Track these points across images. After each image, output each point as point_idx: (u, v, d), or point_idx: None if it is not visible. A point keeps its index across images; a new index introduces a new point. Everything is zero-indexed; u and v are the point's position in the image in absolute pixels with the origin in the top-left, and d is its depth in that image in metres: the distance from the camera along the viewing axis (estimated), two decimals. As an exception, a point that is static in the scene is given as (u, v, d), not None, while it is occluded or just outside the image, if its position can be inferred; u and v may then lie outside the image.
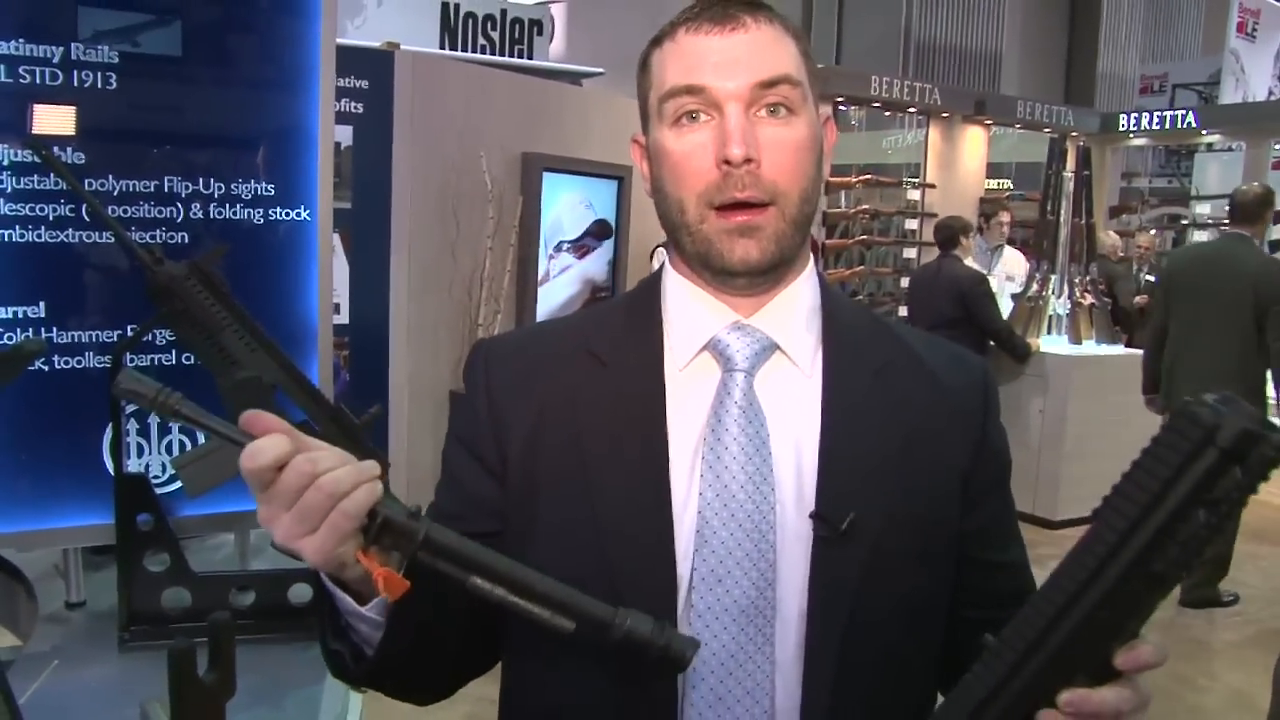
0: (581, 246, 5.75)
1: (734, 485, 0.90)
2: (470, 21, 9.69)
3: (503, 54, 9.47)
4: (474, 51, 9.27)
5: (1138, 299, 7.55)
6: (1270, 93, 10.35)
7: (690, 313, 0.98)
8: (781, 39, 0.94)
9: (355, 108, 4.99)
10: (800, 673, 0.89)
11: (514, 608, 0.75)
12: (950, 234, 5.88)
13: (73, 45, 1.70)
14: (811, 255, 1.04)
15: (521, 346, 1.05)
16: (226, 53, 1.84)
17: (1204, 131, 8.92)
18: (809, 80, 0.95)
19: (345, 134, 4.91)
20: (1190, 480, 0.59)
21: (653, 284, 1.03)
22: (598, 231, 5.82)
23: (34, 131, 1.69)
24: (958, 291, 5.65)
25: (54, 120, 1.71)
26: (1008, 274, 6.67)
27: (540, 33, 10.13)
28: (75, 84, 1.70)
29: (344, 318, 4.99)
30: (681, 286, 0.99)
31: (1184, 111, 9.10)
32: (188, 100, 1.81)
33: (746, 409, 0.93)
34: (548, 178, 5.51)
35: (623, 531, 0.91)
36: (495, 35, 9.80)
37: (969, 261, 6.00)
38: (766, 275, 0.95)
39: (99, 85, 1.72)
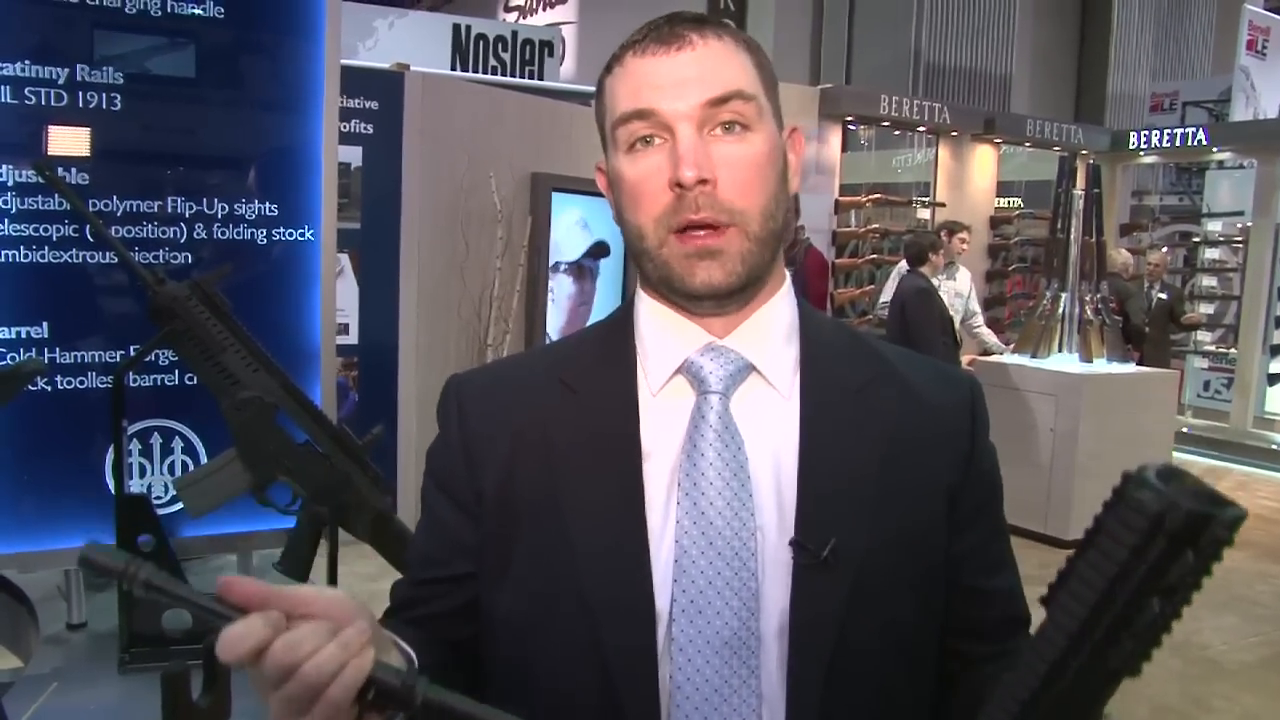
0: (579, 267, 5.75)
1: (712, 512, 0.87)
2: (481, 43, 9.77)
3: (514, 75, 9.52)
4: (485, 73, 9.33)
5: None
6: (1281, 110, 10.33)
7: (662, 335, 0.95)
8: (732, 53, 0.90)
9: (365, 128, 5.02)
10: (785, 705, 0.86)
11: None
12: (919, 250, 5.96)
13: (78, 67, 1.71)
14: (787, 273, 1.00)
15: (494, 381, 1.02)
16: (230, 74, 1.85)
17: (1214, 149, 8.89)
18: (766, 93, 0.92)
19: (355, 154, 4.93)
20: (1140, 573, 0.55)
21: (626, 309, 1.00)
22: (595, 252, 5.81)
23: (48, 152, 1.70)
24: (900, 300, 5.82)
25: (67, 141, 1.72)
26: (957, 290, 6.60)
27: (551, 54, 10.20)
28: (81, 105, 1.72)
29: (353, 338, 5.00)
30: (653, 309, 0.96)
31: (1194, 129, 9.08)
32: (192, 121, 1.83)
33: (722, 433, 0.90)
34: (556, 198, 5.52)
35: (598, 565, 0.87)
36: (506, 56, 9.87)
37: (937, 279, 6.08)
38: (733, 297, 0.91)
39: (104, 106, 1.73)
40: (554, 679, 0.76)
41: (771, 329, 0.95)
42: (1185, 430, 8.24)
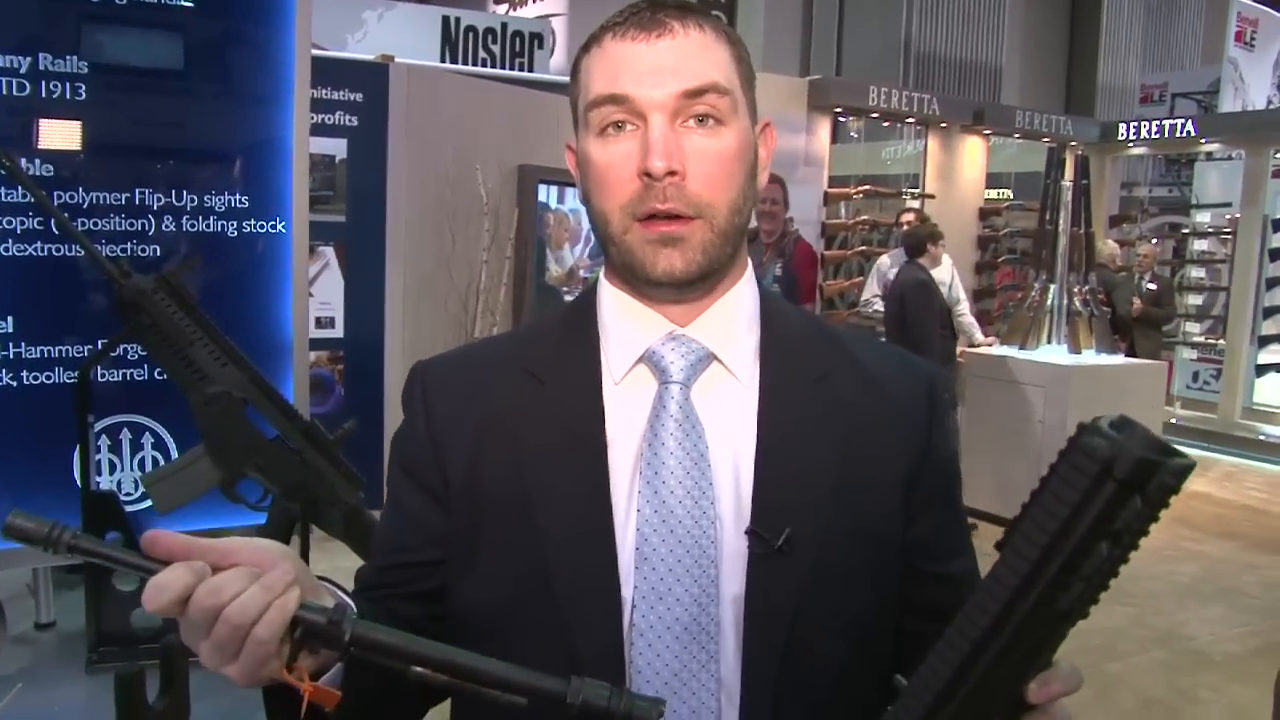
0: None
1: (672, 501, 0.88)
2: (471, 35, 9.70)
3: (503, 67, 9.46)
4: (475, 65, 9.27)
5: (1135, 302, 7.50)
6: (1269, 101, 10.30)
7: (625, 325, 0.95)
8: (712, 45, 0.90)
9: (350, 120, 4.98)
10: (740, 691, 0.87)
11: (461, 690, 0.73)
12: (918, 241, 5.80)
13: (41, 55, 1.68)
14: (749, 261, 1.00)
15: (459, 367, 1.02)
16: (200, 65, 1.82)
17: (1203, 140, 8.87)
18: (742, 87, 0.93)
19: (340, 147, 4.90)
20: (1090, 516, 0.57)
21: (589, 297, 1.00)
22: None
23: (39, 147, 1.68)
24: (899, 293, 5.65)
25: (59, 136, 1.69)
26: (940, 279, 6.48)
27: (541, 46, 10.14)
28: (43, 95, 1.69)
29: (339, 331, 4.98)
30: (616, 298, 0.97)
31: (1183, 120, 9.07)
32: (159, 112, 1.80)
33: (683, 422, 0.90)
34: (543, 190, 5.50)
35: (566, 555, 0.88)
36: (496, 48, 9.81)
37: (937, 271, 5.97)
38: (694, 285, 0.91)
39: (66, 96, 1.70)
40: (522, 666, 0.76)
41: (733, 317, 0.96)
42: (1174, 421, 8.24)
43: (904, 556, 0.95)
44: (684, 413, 0.91)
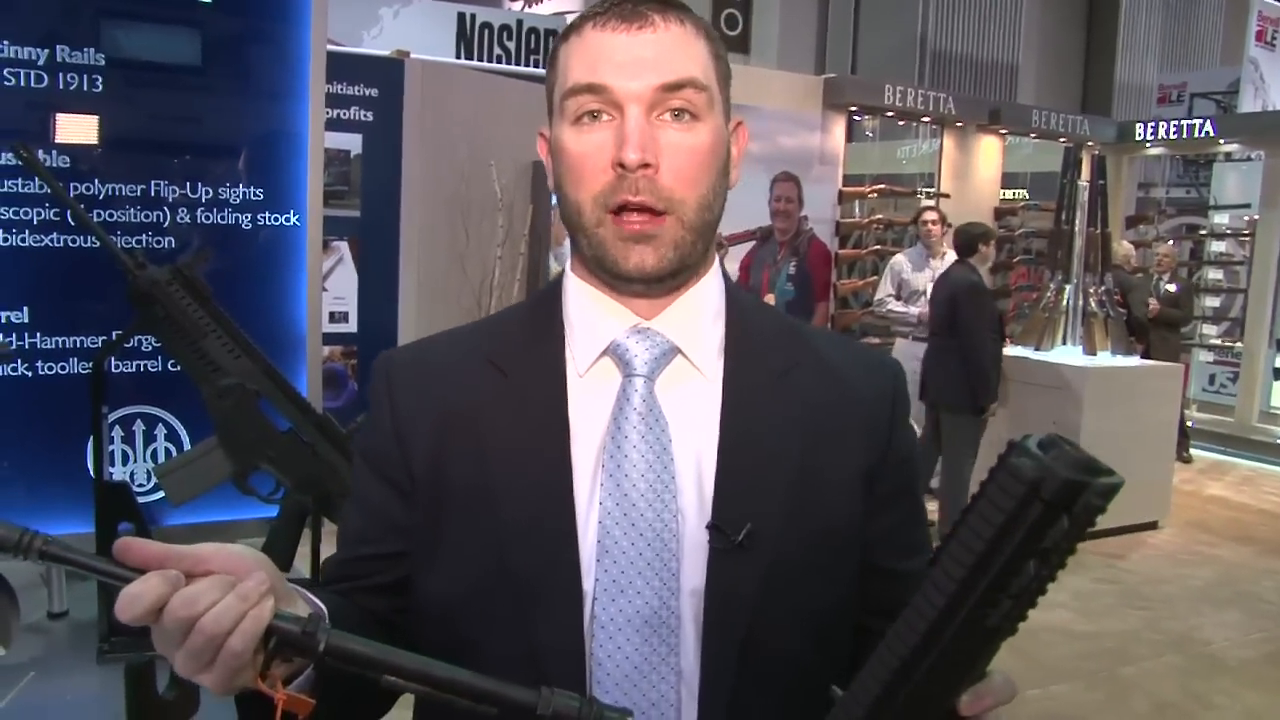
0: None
1: (634, 494, 0.88)
2: (486, 32, 9.71)
3: (519, 64, 9.45)
4: (490, 61, 9.27)
5: (1151, 303, 7.44)
6: (1290, 102, 10.24)
7: (590, 316, 0.96)
8: (692, 40, 0.91)
9: (365, 116, 5.00)
10: (699, 684, 0.88)
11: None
12: (969, 239, 5.47)
13: (59, 48, 1.69)
14: (717, 257, 1.00)
15: (423, 358, 1.02)
16: (217, 59, 1.83)
17: (1222, 141, 8.80)
18: (718, 84, 0.93)
19: (355, 142, 4.92)
20: (1017, 536, 0.58)
21: (554, 288, 1.00)
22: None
23: (56, 140, 1.69)
24: (950, 294, 5.32)
25: (76, 129, 1.70)
26: None
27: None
28: (60, 88, 1.69)
29: (353, 326, 5.00)
30: (581, 290, 0.97)
31: (1201, 120, 9.00)
32: (176, 105, 1.80)
33: (646, 415, 0.91)
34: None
35: (527, 547, 0.88)
36: (511, 45, 9.81)
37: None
38: (663, 282, 0.92)
39: (84, 89, 1.71)
40: (484, 660, 0.77)
41: (698, 312, 0.96)
42: (1190, 424, 8.19)
43: (865, 553, 0.96)
44: (647, 406, 0.91)
